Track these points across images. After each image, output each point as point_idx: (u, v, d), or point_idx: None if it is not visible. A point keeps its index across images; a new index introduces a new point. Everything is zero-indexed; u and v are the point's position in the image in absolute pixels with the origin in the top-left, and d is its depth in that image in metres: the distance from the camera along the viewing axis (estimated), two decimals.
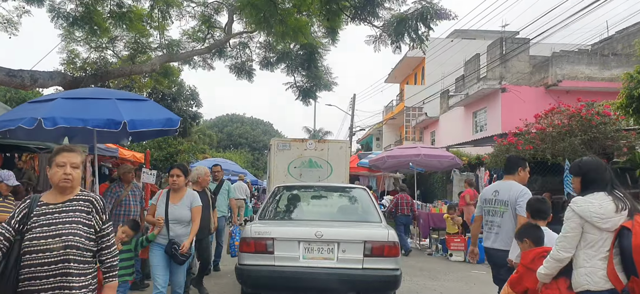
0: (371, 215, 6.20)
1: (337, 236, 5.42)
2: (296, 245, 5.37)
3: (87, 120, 5.96)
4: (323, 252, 5.35)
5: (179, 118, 6.57)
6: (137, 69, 13.25)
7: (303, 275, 5.03)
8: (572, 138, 10.39)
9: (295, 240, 5.38)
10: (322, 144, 10.10)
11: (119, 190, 7.04)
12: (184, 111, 24.71)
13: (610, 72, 18.86)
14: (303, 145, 9.91)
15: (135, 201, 7.08)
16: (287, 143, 10.08)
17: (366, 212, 6.33)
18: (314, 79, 15.25)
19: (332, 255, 5.34)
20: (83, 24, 12.80)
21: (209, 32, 16.56)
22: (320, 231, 5.37)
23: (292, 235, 5.51)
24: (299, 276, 5.10)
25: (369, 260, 5.30)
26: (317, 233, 5.36)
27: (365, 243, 5.34)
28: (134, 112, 6.30)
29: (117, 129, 6.02)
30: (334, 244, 5.36)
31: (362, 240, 5.36)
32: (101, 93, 6.75)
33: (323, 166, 9.59)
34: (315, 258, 5.33)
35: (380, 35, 9.80)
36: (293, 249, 5.36)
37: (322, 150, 9.75)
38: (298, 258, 5.33)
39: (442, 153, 12.93)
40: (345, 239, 5.41)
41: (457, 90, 23.98)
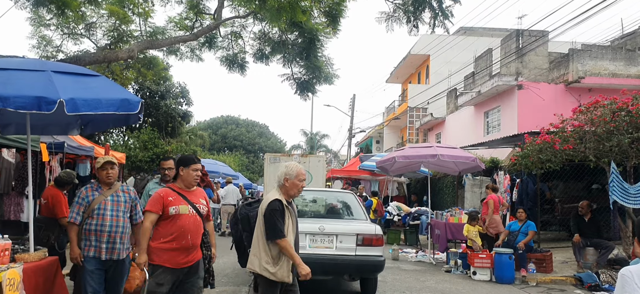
0: (359, 214, 7.57)
1: (335, 230, 6.72)
2: (304, 236, 6.44)
3: (7, 98, 4.28)
4: (325, 242, 6.68)
5: (139, 99, 4.86)
6: (113, 56, 11.59)
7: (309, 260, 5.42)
8: (620, 136, 8.75)
9: (302, 233, 6.02)
10: (305, 158, 13.74)
11: (92, 193, 4.72)
12: (173, 109, 23.11)
13: (637, 68, 17.32)
14: (288, 159, 12.68)
15: (117, 211, 4.70)
16: (277, 157, 13.30)
17: (355, 212, 7.66)
18: (313, 70, 13.63)
19: (331, 245, 6.64)
20: (49, 3, 11.13)
21: (198, 19, 14.93)
22: (322, 226, 6.73)
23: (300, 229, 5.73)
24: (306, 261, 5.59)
25: (361, 249, 6.63)
26: (320, 228, 6.69)
27: (357, 235, 6.67)
28: (76, 89, 4.63)
29: (49, 111, 4.33)
30: (333, 236, 6.68)
31: (355, 233, 6.68)
32: (32, 63, 5.06)
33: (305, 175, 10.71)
34: (319, 247, 6.65)
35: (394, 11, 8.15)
36: (301, 240, 5.85)
37: (304, 162, 12.68)
38: (305, 246, 6.42)
39: (462, 154, 11.25)
40: (342, 232, 6.73)
41: (467, 88, 22.39)
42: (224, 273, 8.65)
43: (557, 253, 10.90)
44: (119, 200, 4.73)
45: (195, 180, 4.43)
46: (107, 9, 12.86)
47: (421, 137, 28.94)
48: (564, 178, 12.93)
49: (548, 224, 14.50)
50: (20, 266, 3.93)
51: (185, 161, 4.41)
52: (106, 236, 4.53)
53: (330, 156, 52.74)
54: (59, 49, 14.51)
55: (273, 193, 4.21)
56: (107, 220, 4.57)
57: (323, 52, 13.67)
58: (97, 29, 14.87)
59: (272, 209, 4.04)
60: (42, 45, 14.34)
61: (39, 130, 6.07)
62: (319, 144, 50.57)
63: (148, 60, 17.88)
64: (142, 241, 4.22)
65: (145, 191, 5.88)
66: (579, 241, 9.53)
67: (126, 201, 4.75)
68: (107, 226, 4.56)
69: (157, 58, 18.52)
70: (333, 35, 13.13)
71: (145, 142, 19.37)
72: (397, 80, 37.51)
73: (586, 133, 9.49)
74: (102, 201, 4.63)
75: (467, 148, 15.70)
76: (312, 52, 13.13)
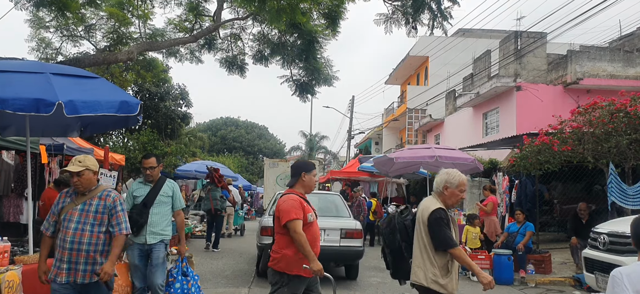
0: (343, 213, 9.28)
1: (323, 225, 7.25)
2: None
3: (6, 100, 4.29)
4: None
5: (138, 101, 4.88)
6: (112, 57, 11.58)
7: None
8: (619, 138, 8.77)
9: None
10: None
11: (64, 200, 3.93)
12: (172, 111, 23.08)
13: (635, 70, 17.34)
14: (286, 164, 16.37)
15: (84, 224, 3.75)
16: (275, 163, 16.50)
17: (340, 211, 9.37)
18: (312, 72, 13.64)
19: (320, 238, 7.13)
20: (49, 5, 11.14)
21: (197, 21, 14.95)
22: None
23: None
24: None
25: (344, 240, 8.07)
26: None
27: (341, 229, 8.13)
28: (75, 91, 4.64)
29: (48, 113, 4.35)
30: (321, 230, 7.01)
31: (340, 228, 8.15)
32: (31, 65, 5.07)
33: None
34: None
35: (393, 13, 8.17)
36: None
37: None
38: None
39: (461, 155, 11.27)
40: (329, 227, 8.05)
41: (465, 89, 22.41)
42: (223, 274, 8.66)
43: (556, 254, 10.91)
44: (89, 210, 3.77)
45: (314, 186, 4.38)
46: (107, 11, 12.89)
47: (420, 138, 28.96)
48: (563, 180, 12.93)
49: (547, 225, 14.51)
50: (20, 268, 3.93)
51: (307, 167, 4.31)
52: (67, 254, 3.66)
53: (329, 158, 52.78)
54: (59, 51, 14.55)
55: (431, 201, 3.84)
56: (69, 234, 3.69)
57: (322, 54, 13.71)
58: (97, 30, 14.91)
59: (438, 217, 3.67)
60: (42, 47, 14.38)
61: (38, 132, 6.08)
62: (318, 145, 50.58)
63: (147, 62, 17.90)
64: (304, 247, 3.84)
65: (129, 192, 5.44)
66: (576, 243, 9.54)
67: (98, 212, 3.77)
68: (67, 242, 3.68)
69: (157, 60, 18.54)
70: (332, 37, 13.15)
71: (144, 144, 19.34)
72: (396, 82, 37.52)
73: (584, 135, 9.51)
74: (69, 211, 3.76)
75: (466, 149, 15.72)
76: (311, 54, 13.14)
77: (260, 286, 7.76)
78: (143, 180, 5.35)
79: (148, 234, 5.16)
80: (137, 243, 5.12)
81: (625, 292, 2.29)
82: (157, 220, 5.24)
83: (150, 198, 5.23)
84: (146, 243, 5.13)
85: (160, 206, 5.27)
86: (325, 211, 8.94)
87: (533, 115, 16.29)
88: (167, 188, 5.37)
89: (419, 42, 28.73)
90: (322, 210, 8.78)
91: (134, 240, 5.07)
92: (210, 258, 10.61)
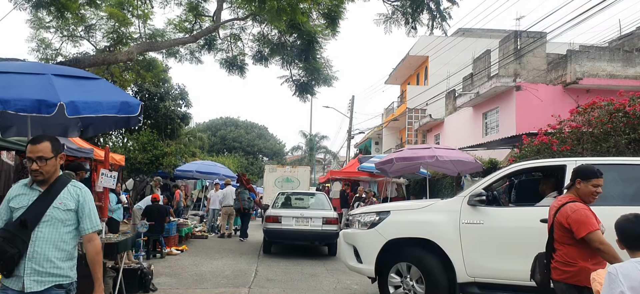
0: (325, 206, 12.38)
1: (310, 215, 11.27)
2: (291, 219, 11.18)
3: (8, 101, 4.32)
4: (304, 222, 11.14)
5: (139, 102, 4.91)
6: (112, 58, 11.61)
7: (294, 232, 11.14)
8: (617, 137, 8.78)
9: (290, 217, 11.21)
10: (294, 168, 19.97)
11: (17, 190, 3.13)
12: (172, 111, 23.11)
13: (635, 70, 17.37)
14: (283, 169, 19.76)
15: None
16: (274, 168, 19.60)
17: (323, 205, 12.53)
18: (312, 72, 13.67)
19: (307, 224, 11.11)
20: (49, 5, 11.16)
21: (197, 21, 14.97)
22: (302, 213, 11.41)
23: (289, 214, 11.38)
24: (292, 233, 11.14)
25: (324, 226, 11.08)
26: (301, 213, 11.36)
27: (322, 218, 11.15)
28: (76, 92, 4.67)
29: (50, 113, 4.39)
30: (309, 218, 11.18)
31: (321, 217, 11.17)
32: (32, 67, 5.09)
33: (294, 181, 18.63)
34: (300, 225, 11.11)
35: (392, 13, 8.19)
36: (290, 221, 11.15)
37: (293, 171, 19.32)
38: (292, 225, 11.12)
39: (461, 155, 11.28)
40: (314, 216, 11.22)
41: (465, 89, 22.42)
42: (223, 274, 8.68)
43: None
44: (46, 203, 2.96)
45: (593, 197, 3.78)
46: (107, 11, 12.92)
47: (420, 138, 28.97)
48: None
49: None
50: None
51: (586, 174, 3.76)
52: None
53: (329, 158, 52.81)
54: (58, 51, 14.57)
55: None
56: None
57: (322, 54, 13.76)
58: (97, 31, 14.95)
59: None
60: (42, 47, 14.40)
61: (39, 133, 6.09)
62: (318, 145, 50.62)
63: (147, 62, 17.93)
64: (617, 258, 3.30)
65: (9, 193, 3.05)
66: None
67: (56, 207, 2.97)
68: None
69: (157, 61, 18.57)
70: (332, 37, 13.18)
71: (144, 144, 19.38)
72: (396, 82, 37.52)
73: (583, 134, 9.52)
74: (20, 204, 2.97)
75: (466, 149, 15.76)
76: (311, 54, 13.17)
77: (261, 286, 7.78)
78: (28, 182, 3.08)
79: (28, 274, 2.88)
80: (11, 290, 2.92)
81: (620, 286, 2.45)
82: (45, 249, 2.94)
83: (35, 213, 2.96)
84: (24, 291, 2.87)
85: (51, 227, 2.97)
86: (314, 205, 12.69)
87: (533, 115, 16.32)
88: (69, 195, 3.06)
89: (419, 41, 28.74)
90: (313, 205, 12.81)
91: (6, 283, 2.94)
92: (210, 258, 10.63)
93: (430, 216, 5.99)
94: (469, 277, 5.68)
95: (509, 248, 5.51)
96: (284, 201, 12.99)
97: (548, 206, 4.18)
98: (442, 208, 6.01)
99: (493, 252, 5.59)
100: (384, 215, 6.33)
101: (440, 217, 5.88)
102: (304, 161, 48.99)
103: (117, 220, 10.91)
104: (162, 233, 10.91)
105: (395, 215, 6.30)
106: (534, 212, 5.38)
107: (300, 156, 52.98)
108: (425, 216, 6.04)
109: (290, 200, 13.23)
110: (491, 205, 5.77)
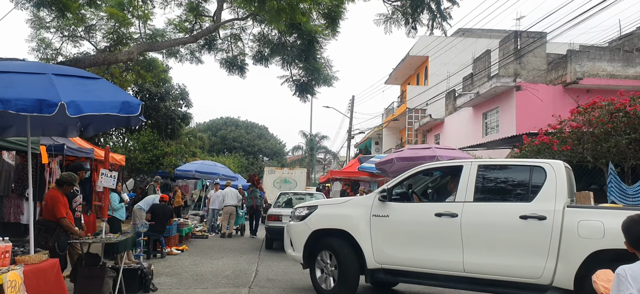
0: None
1: None
2: None
3: (8, 101, 4.32)
4: None
5: (139, 102, 4.92)
6: (112, 58, 11.60)
7: None
8: (618, 137, 8.79)
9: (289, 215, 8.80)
10: (291, 170, 21.41)
11: None
12: (172, 111, 23.10)
13: (635, 70, 17.35)
14: (282, 170, 21.30)
15: None
16: (273, 170, 21.15)
17: None
18: (312, 72, 13.66)
19: None
20: (49, 5, 11.15)
21: (197, 21, 14.97)
22: None
23: (288, 213, 9.54)
24: None
25: None
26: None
27: None
28: (77, 92, 4.68)
29: (51, 113, 4.38)
30: None
31: None
32: (33, 66, 5.09)
33: (292, 182, 19.95)
34: None
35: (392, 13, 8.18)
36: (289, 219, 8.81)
37: (291, 173, 20.83)
38: None
39: (461, 155, 11.28)
40: None
41: (465, 89, 22.42)
42: (223, 274, 8.67)
43: None
44: None
45: None
46: (107, 11, 12.90)
47: (420, 138, 28.96)
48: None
49: None
50: (21, 268, 3.95)
51: None
52: None
53: (329, 158, 52.80)
54: (59, 51, 14.56)
55: None
56: None
57: (322, 54, 13.74)
58: (97, 31, 14.92)
59: None
60: (42, 47, 14.38)
61: (38, 132, 6.11)
62: (319, 145, 50.62)
63: (147, 63, 17.92)
64: None
65: None
66: None
67: None
68: None
69: (157, 61, 18.55)
70: (332, 37, 13.17)
71: (144, 144, 19.37)
72: (396, 82, 37.52)
73: (584, 134, 9.54)
74: None
75: (466, 149, 15.76)
76: (311, 54, 13.16)
77: (261, 286, 7.77)
78: None
79: None
80: None
81: (630, 288, 2.41)
82: None
83: None
84: None
85: None
86: None
87: (533, 115, 16.31)
88: None
89: (419, 42, 28.74)
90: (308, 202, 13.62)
91: None
92: (211, 258, 10.63)
93: (348, 210, 6.79)
94: (376, 264, 6.35)
95: (408, 239, 6.18)
96: (285, 201, 13.81)
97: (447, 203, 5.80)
98: (359, 203, 6.84)
99: (396, 242, 6.23)
100: (313, 209, 7.17)
101: (356, 211, 6.64)
102: (304, 161, 49.02)
103: (119, 219, 10.91)
104: (163, 233, 10.91)
105: (320, 209, 7.16)
106: (431, 207, 6.12)
107: (300, 156, 52.98)
108: (344, 210, 6.85)
109: (291, 200, 13.77)
110: (402, 200, 6.56)
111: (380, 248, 6.31)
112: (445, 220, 5.81)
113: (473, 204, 5.75)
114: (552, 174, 5.47)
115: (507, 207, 5.59)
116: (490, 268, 5.52)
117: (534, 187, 5.53)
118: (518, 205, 5.48)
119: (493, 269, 5.51)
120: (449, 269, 5.81)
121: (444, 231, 5.85)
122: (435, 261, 5.89)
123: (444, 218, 5.82)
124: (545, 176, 5.49)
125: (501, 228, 5.52)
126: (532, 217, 5.30)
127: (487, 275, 5.56)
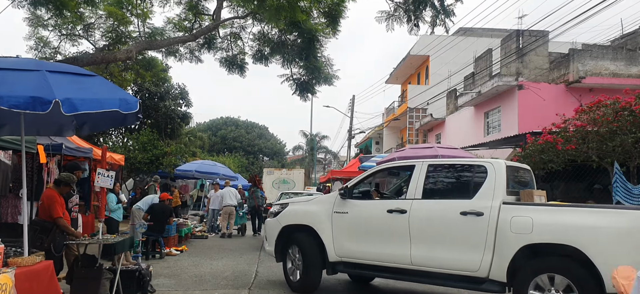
0: None
1: None
2: None
3: (0, 98, 4.18)
4: None
5: (136, 99, 4.79)
6: (111, 56, 11.48)
7: None
8: (623, 136, 8.66)
9: None
10: (290, 171, 25.87)
11: None
12: (172, 111, 22.99)
13: (638, 68, 17.23)
14: (280, 171, 26.06)
15: None
16: (271, 171, 25.60)
17: None
18: (312, 71, 13.53)
19: None
20: (47, 3, 11.02)
21: (197, 19, 14.85)
22: None
23: None
24: None
25: None
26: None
27: None
28: (72, 89, 4.54)
29: (44, 111, 4.24)
30: None
31: None
32: (26, 63, 4.96)
33: (290, 182, 24.08)
34: None
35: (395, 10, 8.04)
36: None
37: (289, 174, 25.50)
38: None
39: (463, 154, 11.14)
40: None
41: (467, 88, 22.28)
42: (223, 275, 8.55)
43: None
44: None
45: None
46: (106, 10, 12.77)
47: (421, 137, 28.84)
48: (565, 179, 12.82)
49: None
50: (13, 271, 3.82)
51: None
52: None
53: (330, 157, 52.67)
54: (57, 50, 14.43)
55: None
56: None
57: (322, 53, 13.62)
58: (95, 30, 14.79)
59: None
60: (40, 46, 14.25)
61: (33, 131, 5.98)
62: (319, 145, 50.49)
63: (147, 62, 17.80)
64: None
65: None
66: None
67: None
68: None
69: (156, 60, 18.45)
70: (332, 35, 13.04)
71: (144, 144, 19.25)
72: (397, 81, 37.40)
73: (589, 133, 9.41)
74: None
75: (468, 148, 15.63)
76: (311, 53, 13.04)
77: (261, 287, 7.65)
78: None
79: None
80: None
81: None
82: None
83: None
84: None
85: None
86: None
87: (535, 114, 16.19)
88: None
89: (420, 41, 28.60)
90: None
91: None
92: (210, 258, 10.51)
93: (314, 207, 7.22)
94: (337, 257, 6.75)
95: (364, 233, 6.53)
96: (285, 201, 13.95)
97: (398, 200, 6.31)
98: (323, 200, 7.24)
99: (353, 236, 6.62)
100: (285, 206, 7.65)
101: (320, 208, 7.07)
102: (304, 161, 48.88)
103: (116, 220, 10.79)
104: (162, 233, 10.79)
105: (291, 206, 7.60)
106: (384, 204, 6.48)
107: (301, 156, 52.86)
108: (310, 207, 7.29)
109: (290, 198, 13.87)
110: (362, 198, 6.88)
111: (340, 242, 6.71)
112: (395, 216, 6.16)
113: (421, 201, 6.08)
114: (493, 173, 5.66)
115: (451, 204, 5.87)
116: (434, 262, 5.83)
117: (476, 185, 5.78)
118: (460, 202, 5.74)
119: (437, 263, 5.82)
120: (399, 262, 6.14)
121: (394, 227, 6.18)
122: (386, 255, 6.24)
123: (394, 215, 6.17)
124: (486, 174, 5.71)
125: (444, 224, 5.82)
126: (471, 213, 5.55)
127: (432, 268, 5.88)
